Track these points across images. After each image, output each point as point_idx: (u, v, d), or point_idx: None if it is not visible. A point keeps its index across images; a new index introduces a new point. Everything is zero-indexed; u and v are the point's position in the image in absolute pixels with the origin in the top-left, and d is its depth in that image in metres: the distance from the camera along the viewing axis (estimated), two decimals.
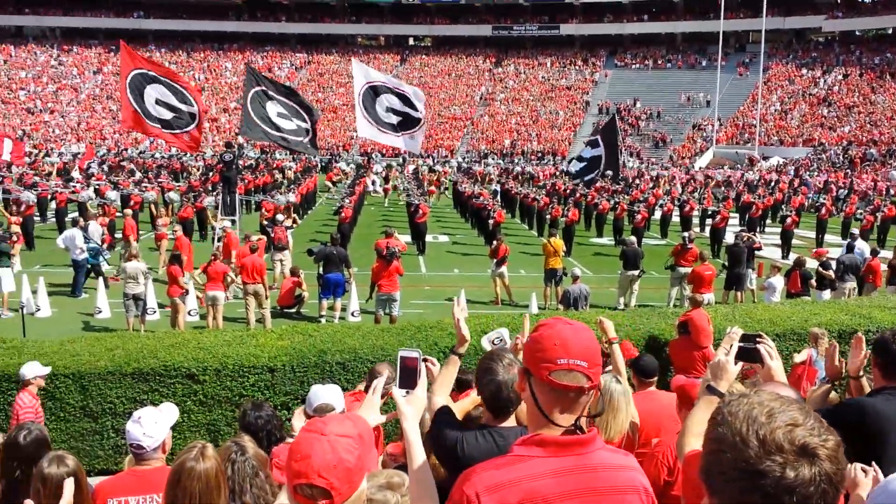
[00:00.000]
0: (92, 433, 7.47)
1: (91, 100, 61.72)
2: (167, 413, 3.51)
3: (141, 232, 22.63)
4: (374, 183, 38.27)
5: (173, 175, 34.12)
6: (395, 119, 17.50)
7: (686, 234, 16.03)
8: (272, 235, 16.31)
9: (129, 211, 19.21)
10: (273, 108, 17.47)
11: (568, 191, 30.44)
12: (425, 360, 4.75)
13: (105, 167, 36.28)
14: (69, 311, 14.21)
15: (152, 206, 22.40)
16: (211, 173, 32.49)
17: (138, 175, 31.60)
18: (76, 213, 20.12)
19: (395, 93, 17.64)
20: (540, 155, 56.14)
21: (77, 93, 62.43)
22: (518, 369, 1.99)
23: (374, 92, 17.48)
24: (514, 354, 2.99)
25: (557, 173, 41.95)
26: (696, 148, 55.48)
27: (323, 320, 13.48)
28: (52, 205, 24.07)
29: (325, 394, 4.15)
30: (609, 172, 19.39)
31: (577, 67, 68.09)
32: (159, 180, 28.56)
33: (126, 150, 52.09)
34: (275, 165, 41.66)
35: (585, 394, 1.87)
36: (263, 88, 17.61)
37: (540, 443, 1.84)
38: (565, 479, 1.79)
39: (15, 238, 16.59)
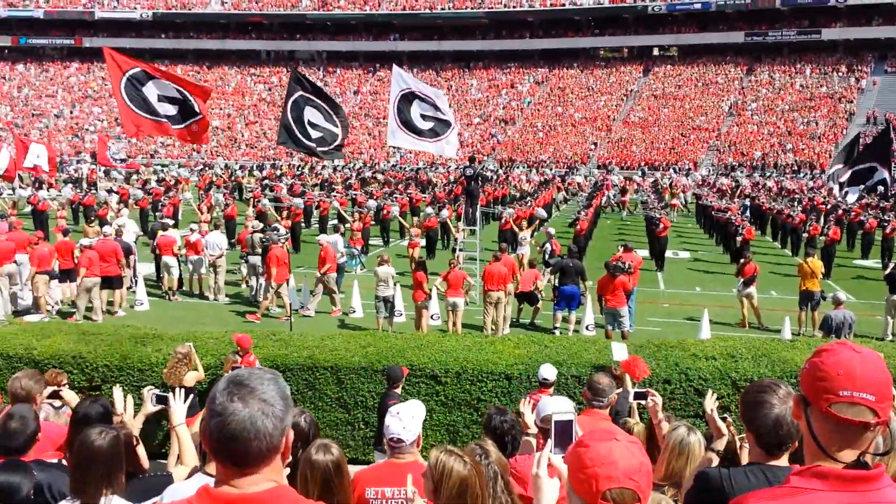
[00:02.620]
0: (345, 423, 8.08)
1: (350, 117, 67.05)
2: (419, 409, 3.70)
3: (391, 239, 24.26)
4: (612, 197, 37.70)
5: (420, 187, 36.05)
6: (427, 125, 17.22)
7: None
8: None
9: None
10: (309, 114, 16.85)
11: (828, 206, 27.88)
12: (649, 395, 4.60)
13: (360, 179, 39.27)
14: (328, 309, 15.50)
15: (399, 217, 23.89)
16: (454, 186, 33.95)
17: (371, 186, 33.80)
18: (336, 221, 21.99)
19: (425, 98, 17.29)
20: (796, 167, 52.00)
21: None
22: (795, 396, 1.83)
23: (408, 99, 17.18)
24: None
25: (817, 188, 38.59)
26: None
27: (557, 332, 13.50)
28: (316, 213, 26.55)
29: (556, 405, 4.15)
30: (880, 188, 17.41)
31: (839, 74, 62.21)
32: (408, 192, 30.32)
33: (378, 163, 55.96)
34: (512, 180, 42.54)
35: (871, 430, 1.67)
36: (302, 94, 16.95)
37: (820, 475, 1.67)
38: None
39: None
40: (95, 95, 70.40)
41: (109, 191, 28.22)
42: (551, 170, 52.75)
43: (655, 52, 72.68)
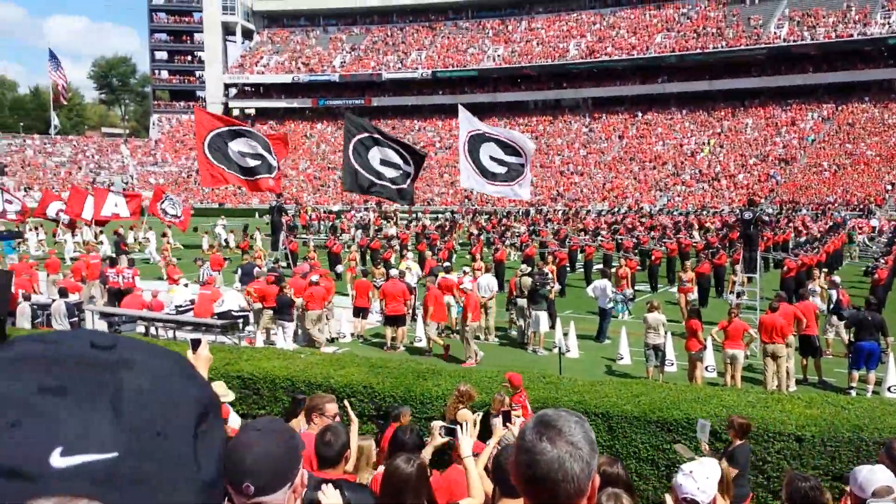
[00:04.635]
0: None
1: (615, 162, 66.67)
2: (714, 469, 3.51)
3: (659, 285, 23.55)
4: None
5: (690, 232, 34.67)
6: (500, 169, 16.56)
7: None
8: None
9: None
10: (376, 155, 16.81)
11: None
12: None
13: (624, 224, 38.73)
14: (594, 354, 15.38)
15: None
16: (730, 230, 32.23)
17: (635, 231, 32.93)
18: (601, 265, 21.90)
19: (499, 141, 16.56)
20: None
21: (603, 155, 68.10)
22: None
23: (478, 140, 16.55)
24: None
25: None
26: None
27: (853, 393, 12.14)
28: (581, 257, 26.59)
29: (882, 476, 3.70)
30: None
31: None
32: (678, 236, 29.32)
33: (643, 206, 54.86)
34: (795, 222, 39.35)
35: None
36: (365, 135, 17.00)
37: None
38: None
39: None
40: None
41: (392, 237, 30.61)
42: (840, 213, 48.02)
43: None
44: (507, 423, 4.94)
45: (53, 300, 16.03)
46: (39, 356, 0.62)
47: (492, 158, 16.95)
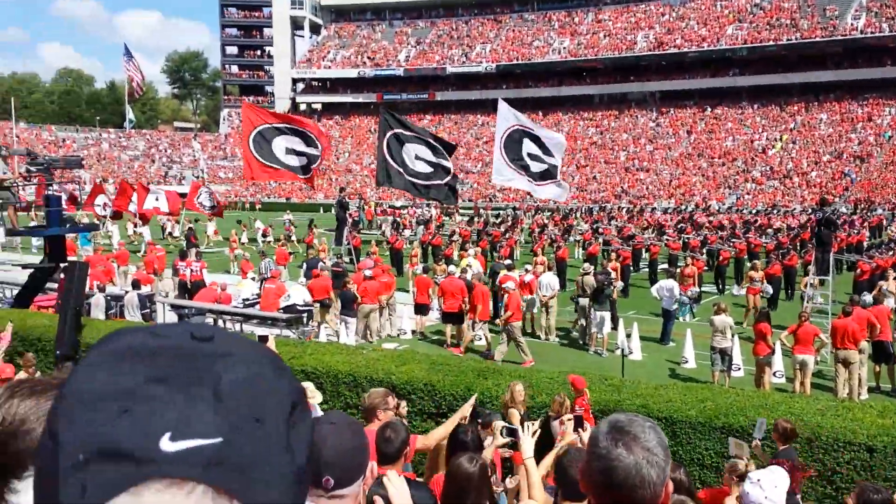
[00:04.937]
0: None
1: (683, 158, 65.32)
2: (783, 479, 3.44)
3: (726, 287, 23.02)
4: None
5: (760, 231, 33.79)
6: (539, 166, 16.59)
7: None
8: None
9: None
10: (411, 151, 16.75)
11: None
12: None
13: (692, 222, 37.96)
14: (657, 356, 15.14)
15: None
16: (800, 231, 31.31)
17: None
18: (665, 265, 21.53)
19: (537, 139, 16.53)
20: None
21: (670, 151, 66.80)
22: None
23: (517, 135, 16.47)
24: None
25: None
26: None
27: None
28: (646, 255, 26.20)
29: None
30: None
31: None
32: (747, 236, 28.62)
33: (712, 203, 53.66)
34: (869, 224, 37.97)
35: None
36: (399, 132, 16.89)
37: None
38: None
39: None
40: None
41: (453, 233, 30.67)
42: None
43: None
44: (579, 429, 4.91)
45: (126, 292, 16.61)
46: (144, 348, 0.66)
47: (530, 156, 16.88)
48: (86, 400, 0.63)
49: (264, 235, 34.10)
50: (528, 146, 16.79)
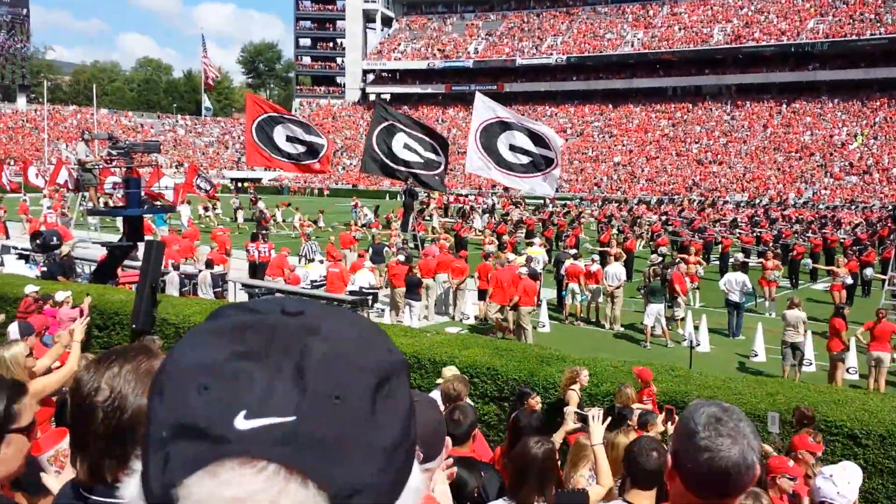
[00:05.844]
0: None
1: (758, 151, 63.49)
2: (856, 474, 3.33)
3: (800, 282, 22.32)
4: None
5: (837, 225, 32.64)
6: (522, 159, 16.01)
7: None
8: None
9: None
10: (399, 141, 16.85)
11: None
12: None
13: (766, 216, 36.93)
14: (726, 349, 14.81)
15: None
16: (881, 226, 30.13)
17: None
18: (740, 254, 21.04)
19: (528, 132, 15.95)
20: None
21: (745, 144, 65.00)
22: None
23: (499, 128, 16.07)
24: None
25: None
26: None
27: None
28: (717, 249, 25.62)
29: None
30: None
31: None
32: (823, 231, 27.69)
33: (788, 197, 52.08)
34: None
35: None
36: (391, 122, 17.11)
37: None
38: None
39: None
40: None
41: (518, 222, 30.55)
42: None
43: None
44: (668, 423, 4.86)
45: (200, 270, 17.12)
46: (238, 323, 0.67)
47: (512, 148, 16.42)
48: (174, 376, 0.64)
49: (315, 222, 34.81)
50: (511, 138, 16.41)
